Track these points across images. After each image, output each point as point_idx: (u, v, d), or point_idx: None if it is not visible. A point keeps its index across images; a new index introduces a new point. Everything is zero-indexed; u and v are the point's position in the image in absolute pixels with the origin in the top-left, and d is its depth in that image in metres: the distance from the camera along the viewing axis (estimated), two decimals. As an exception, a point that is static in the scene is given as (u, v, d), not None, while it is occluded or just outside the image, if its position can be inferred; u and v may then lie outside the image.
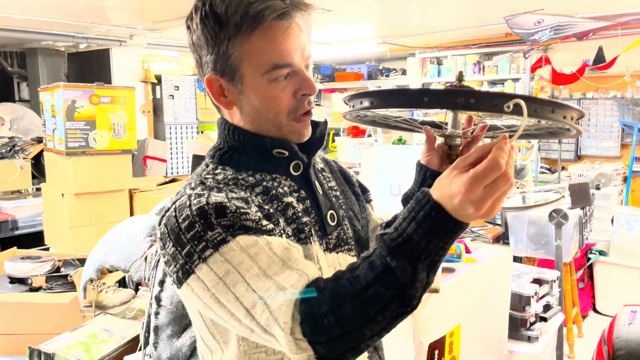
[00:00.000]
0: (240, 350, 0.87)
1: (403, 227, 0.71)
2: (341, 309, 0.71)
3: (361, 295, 0.71)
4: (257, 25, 0.84)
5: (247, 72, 0.87)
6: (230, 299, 0.76)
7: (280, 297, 0.74)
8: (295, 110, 0.89)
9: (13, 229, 4.00)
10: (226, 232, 0.78)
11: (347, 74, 6.56)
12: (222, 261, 0.77)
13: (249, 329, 0.77)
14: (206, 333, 0.91)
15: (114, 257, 2.07)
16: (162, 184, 3.83)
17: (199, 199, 0.81)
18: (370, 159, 2.62)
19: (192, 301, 0.82)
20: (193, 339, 1.72)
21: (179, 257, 0.80)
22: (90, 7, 4.19)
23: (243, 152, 0.91)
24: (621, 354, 2.07)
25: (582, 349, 3.29)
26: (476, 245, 2.18)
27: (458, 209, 0.69)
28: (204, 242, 0.78)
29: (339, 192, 1.02)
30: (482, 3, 4.06)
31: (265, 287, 0.75)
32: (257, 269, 0.76)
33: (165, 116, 6.82)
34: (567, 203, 3.10)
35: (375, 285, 0.71)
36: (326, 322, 0.71)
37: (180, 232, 0.79)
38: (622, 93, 5.28)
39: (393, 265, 0.70)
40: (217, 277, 0.77)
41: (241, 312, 0.76)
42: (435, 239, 0.70)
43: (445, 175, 0.72)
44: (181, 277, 0.80)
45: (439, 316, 1.68)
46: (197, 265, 0.78)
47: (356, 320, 0.71)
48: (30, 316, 2.34)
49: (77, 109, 3.13)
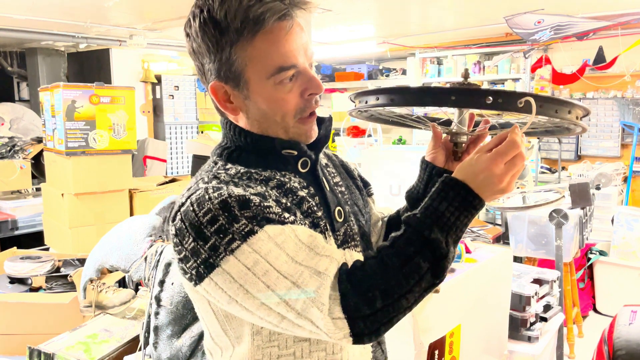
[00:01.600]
0: (254, 344, 0.87)
1: (434, 205, 0.81)
2: (386, 281, 0.78)
3: (403, 267, 0.78)
4: (259, 29, 0.83)
5: (251, 77, 0.86)
6: (260, 288, 0.77)
7: (314, 281, 0.77)
8: (303, 111, 0.89)
9: (13, 229, 4.00)
10: (252, 223, 0.78)
11: (347, 74, 6.56)
12: (250, 252, 0.77)
13: (280, 317, 0.78)
14: (217, 330, 0.90)
15: (113, 257, 2.07)
16: (162, 184, 3.83)
17: (219, 192, 0.80)
18: (370, 159, 2.62)
19: (214, 296, 0.81)
20: (193, 339, 1.72)
21: (201, 252, 0.78)
22: (90, 7, 4.19)
23: (251, 151, 0.91)
24: (621, 354, 2.07)
25: (582, 349, 3.29)
26: (476, 245, 2.18)
27: (482, 185, 0.81)
28: (230, 234, 0.77)
29: (344, 188, 1.02)
30: (482, 3, 4.06)
31: (297, 272, 0.77)
32: (286, 257, 0.77)
33: (165, 116, 6.82)
34: (568, 203, 3.10)
35: (415, 258, 0.78)
36: (370, 296, 0.77)
37: (202, 226, 0.78)
38: (622, 93, 5.28)
39: (431, 238, 0.79)
40: (246, 268, 0.77)
41: (273, 300, 0.77)
42: (462, 215, 0.81)
43: (467, 160, 0.84)
44: (202, 272, 0.79)
45: (439, 316, 1.68)
46: (223, 258, 0.77)
47: (397, 292, 0.78)
48: (30, 316, 2.34)
49: (77, 109, 3.13)
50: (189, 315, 1.75)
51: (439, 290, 1.63)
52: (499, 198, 0.81)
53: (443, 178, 0.83)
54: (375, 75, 6.54)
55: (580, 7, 4.10)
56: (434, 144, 1.04)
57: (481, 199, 0.82)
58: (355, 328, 0.77)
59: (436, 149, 1.04)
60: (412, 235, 0.80)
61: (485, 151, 0.83)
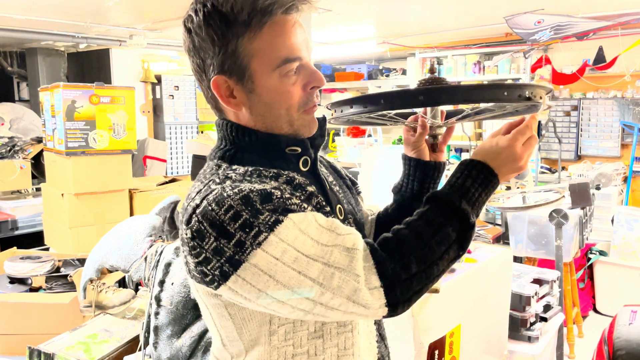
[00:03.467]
0: (271, 345, 0.87)
1: (460, 182, 0.88)
2: (420, 247, 0.82)
3: (435, 235, 0.83)
4: (267, 20, 0.84)
5: (257, 69, 0.86)
6: (291, 276, 0.77)
7: (345, 256, 0.79)
8: (305, 104, 0.90)
9: (13, 229, 3.99)
10: (275, 214, 0.78)
11: (347, 74, 6.56)
12: (278, 241, 0.77)
13: (312, 303, 0.79)
14: (232, 335, 0.89)
15: (113, 257, 2.07)
16: (162, 184, 3.83)
17: (238, 188, 0.79)
18: (370, 159, 2.62)
19: (241, 293, 0.80)
20: (193, 339, 1.71)
21: (224, 250, 0.77)
22: (90, 7, 4.19)
23: (253, 152, 0.90)
24: (621, 354, 2.07)
25: (582, 349, 3.29)
26: (476, 245, 2.17)
27: (503, 164, 0.90)
28: (256, 227, 0.77)
29: (337, 187, 1.03)
30: (482, 3, 4.05)
31: (327, 253, 0.78)
32: (312, 241, 0.78)
33: (165, 116, 6.82)
34: (567, 203, 3.10)
35: (445, 227, 0.84)
36: (407, 261, 0.80)
37: (224, 224, 0.77)
38: (622, 93, 5.28)
39: (461, 208, 0.85)
40: (274, 259, 0.77)
41: (306, 284, 0.77)
42: (484, 192, 0.88)
43: (487, 142, 0.92)
44: (228, 270, 0.78)
45: (439, 316, 1.68)
46: (250, 253, 0.77)
47: (430, 258, 0.82)
48: (30, 316, 2.34)
49: (77, 109, 3.13)
50: (189, 315, 1.75)
51: (439, 290, 1.63)
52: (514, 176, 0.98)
53: (463, 160, 0.91)
54: (375, 75, 6.53)
55: (580, 7, 4.10)
56: (419, 139, 1.09)
57: (498, 179, 0.90)
58: (391, 296, 0.79)
59: (420, 144, 1.09)
60: (442, 207, 0.86)
61: (501, 134, 0.93)
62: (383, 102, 0.94)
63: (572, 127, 5.58)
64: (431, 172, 1.10)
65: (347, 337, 0.91)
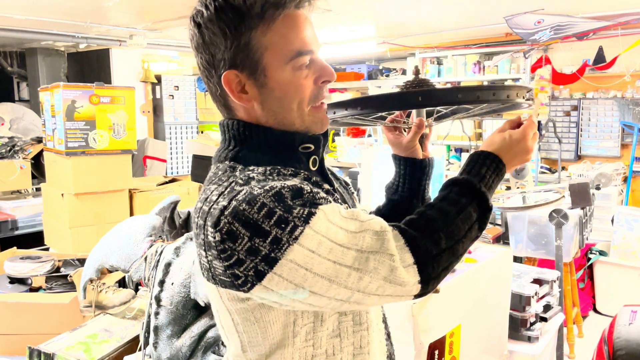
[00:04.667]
0: (294, 347, 0.87)
1: (476, 169, 0.94)
2: (447, 225, 0.85)
3: (459, 214, 0.87)
4: (280, 13, 0.84)
5: (270, 63, 0.86)
6: (328, 266, 0.78)
7: (377, 239, 0.81)
8: (316, 99, 0.90)
9: (13, 229, 3.99)
10: (307, 206, 0.79)
11: (347, 74, 6.56)
12: (313, 234, 0.77)
13: (350, 291, 0.80)
14: (256, 339, 0.88)
15: (113, 257, 2.07)
16: (162, 184, 3.83)
17: (269, 185, 0.79)
18: (370, 159, 2.62)
19: (277, 290, 0.79)
20: (193, 339, 1.71)
21: (260, 249, 0.76)
22: (90, 7, 4.19)
23: (266, 152, 0.89)
24: (621, 354, 2.07)
25: (582, 349, 3.29)
26: (476, 245, 2.17)
27: (514, 156, 0.97)
28: (292, 222, 0.77)
29: (337, 185, 1.04)
30: (482, 3, 4.06)
31: (359, 239, 0.80)
32: (342, 230, 0.80)
33: (165, 116, 6.82)
34: (567, 203, 3.10)
35: (468, 207, 0.88)
36: (436, 237, 0.84)
37: (259, 222, 0.76)
38: (622, 93, 5.28)
39: (481, 190, 0.90)
40: (310, 252, 0.77)
41: (343, 273, 0.78)
42: (496, 180, 0.95)
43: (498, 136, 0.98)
44: (263, 269, 0.77)
45: (439, 316, 1.68)
46: (287, 249, 0.76)
47: (457, 235, 0.86)
48: (30, 316, 2.34)
49: (77, 109, 3.13)
50: (189, 315, 1.75)
51: (439, 290, 1.64)
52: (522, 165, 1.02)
53: (477, 151, 0.97)
54: (375, 75, 6.53)
55: (580, 7, 4.10)
56: (413, 138, 1.12)
57: (505, 166, 0.96)
58: (424, 273, 0.82)
59: (416, 143, 1.13)
60: (463, 189, 0.91)
61: (508, 129, 1.00)
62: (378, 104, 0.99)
63: (572, 127, 5.58)
64: (427, 169, 1.14)
65: (362, 336, 0.92)
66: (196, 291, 1.71)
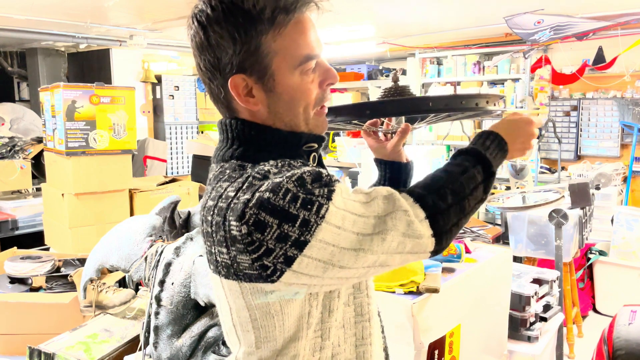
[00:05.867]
0: (307, 339, 0.88)
1: (482, 141, 0.98)
2: (452, 182, 0.89)
3: (463, 174, 0.91)
4: (291, 18, 0.84)
5: (279, 67, 0.85)
6: (353, 239, 0.80)
7: (387, 202, 0.84)
8: (321, 101, 0.92)
9: (13, 229, 3.99)
10: (327, 186, 0.81)
11: (347, 74, 6.56)
12: (336, 210, 0.79)
13: (375, 255, 0.82)
14: (272, 332, 0.87)
15: (114, 257, 2.07)
16: (162, 184, 3.83)
17: (291, 172, 0.81)
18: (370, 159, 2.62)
19: (306, 273, 0.80)
20: (193, 339, 1.72)
21: (289, 235, 0.77)
22: (90, 7, 4.19)
23: (271, 151, 0.89)
24: (621, 354, 2.07)
25: (582, 349, 3.29)
26: (476, 245, 2.18)
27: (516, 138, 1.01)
28: (317, 202, 0.78)
29: None
30: (482, 3, 4.05)
31: (372, 207, 0.83)
32: (356, 203, 0.82)
33: (165, 116, 6.81)
34: (567, 203, 3.10)
35: (472, 169, 0.92)
36: (442, 192, 0.87)
37: (287, 207, 0.77)
38: (622, 93, 5.28)
39: (486, 156, 0.94)
40: (336, 228, 0.79)
41: (366, 240, 0.81)
42: (499, 155, 0.98)
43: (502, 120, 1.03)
44: (292, 255, 0.78)
45: (439, 316, 1.68)
46: (317, 229, 0.78)
47: (462, 192, 0.89)
48: (30, 316, 2.34)
49: (77, 109, 3.13)
50: (189, 315, 1.75)
51: (439, 290, 1.64)
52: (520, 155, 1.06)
53: (483, 130, 1.01)
54: (375, 75, 6.53)
55: (580, 7, 4.10)
56: (399, 142, 1.18)
57: (508, 147, 1.00)
58: (436, 227, 0.85)
59: (400, 147, 1.18)
60: (468, 155, 0.95)
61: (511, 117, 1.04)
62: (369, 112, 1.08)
63: (572, 127, 5.58)
64: (411, 171, 1.20)
65: (364, 327, 0.94)
66: (196, 291, 1.71)
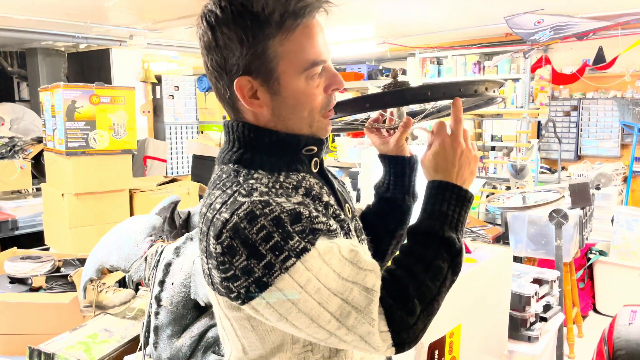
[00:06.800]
0: (293, 352, 0.88)
1: (436, 208, 0.89)
2: (418, 288, 0.82)
3: (427, 271, 0.84)
4: (299, 23, 0.84)
5: (285, 72, 0.85)
6: (313, 306, 0.78)
7: (364, 298, 0.79)
8: (326, 106, 0.90)
9: (13, 229, 3.99)
10: (304, 239, 0.78)
11: (347, 74, 6.56)
12: (304, 270, 0.77)
13: (328, 334, 0.80)
14: (254, 343, 0.89)
15: (113, 257, 2.07)
16: (162, 184, 3.83)
17: (269, 208, 0.78)
18: (370, 159, 2.62)
19: (263, 314, 0.80)
20: (193, 339, 1.72)
21: (254, 271, 0.77)
22: (90, 7, 4.19)
23: (270, 154, 0.89)
24: (621, 354, 2.07)
25: (582, 349, 3.29)
26: (476, 245, 2.18)
27: (461, 169, 0.91)
28: (286, 251, 0.77)
29: (337, 185, 1.04)
30: (482, 3, 4.05)
31: (347, 290, 0.79)
32: (334, 274, 0.79)
33: (165, 116, 6.82)
34: (567, 203, 3.10)
35: (435, 260, 0.84)
36: (411, 306, 0.81)
37: (256, 244, 0.77)
38: (622, 93, 5.28)
39: (445, 237, 0.86)
40: (299, 286, 0.77)
41: (324, 317, 0.78)
42: (462, 210, 0.90)
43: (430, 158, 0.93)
44: (253, 291, 0.78)
45: (439, 316, 1.67)
46: (278, 277, 0.77)
47: (429, 296, 0.83)
48: (30, 316, 2.34)
49: (77, 109, 3.13)
50: (189, 315, 1.75)
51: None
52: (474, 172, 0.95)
53: (431, 183, 0.92)
54: (375, 75, 6.53)
55: (580, 7, 4.10)
56: (402, 137, 1.12)
57: (467, 190, 0.92)
58: (398, 339, 0.81)
59: (403, 142, 1.13)
60: (426, 240, 0.87)
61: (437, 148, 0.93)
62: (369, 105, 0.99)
63: (572, 127, 5.58)
64: (415, 165, 1.15)
65: None
66: (196, 291, 1.71)
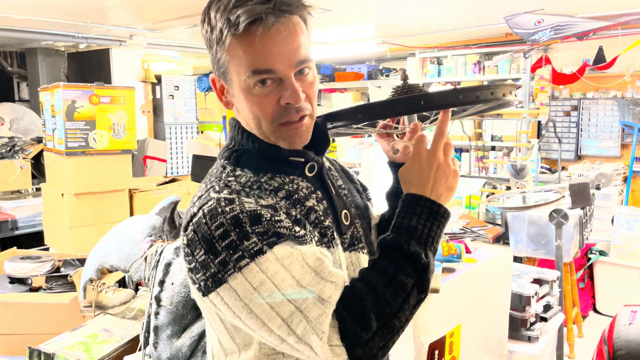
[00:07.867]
0: (261, 352, 0.88)
1: (406, 222, 0.84)
2: (376, 303, 0.78)
3: (388, 286, 0.79)
4: (235, 31, 0.84)
5: (234, 76, 0.88)
6: (264, 309, 0.78)
7: (317, 308, 0.77)
8: (280, 117, 0.88)
9: (13, 229, 3.99)
10: (262, 241, 0.79)
11: (347, 74, 6.56)
12: (258, 271, 0.77)
13: (280, 339, 0.79)
14: (225, 337, 0.91)
15: (113, 257, 2.07)
16: (162, 184, 3.83)
17: (231, 206, 0.80)
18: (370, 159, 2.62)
19: (220, 309, 0.82)
20: (193, 339, 1.72)
21: (210, 266, 0.79)
22: (90, 7, 4.19)
23: (259, 156, 0.91)
24: (621, 354, 2.07)
25: (582, 349, 3.29)
26: (476, 245, 2.18)
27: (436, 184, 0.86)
28: (240, 251, 0.78)
29: (346, 191, 1.03)
30: (482, 3, 4.05)
31: (301, 297, 0.78)
32: (292, 280, 0.78)
33: (165, 116, 6.82)
34: (567, 203, 3.10)
35: (398, 275, 0.80)
36: (366, 320, 0.77)
37: (213, 240, 0.79)
38: (622, 93, 5.28)
39: (410, 251, 0.81)
40: (252, 287, 0.78)
41: (275, 322, 0.78)
42: (434, 225, 0.84)
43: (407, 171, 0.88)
44: (210, 285, 0.80)
45: (439, 316, 1.68)
46: (231, 275, 0.78)
47: (388, 312, 0.79)
48: (30, 316, 2.34)
49: (77, 109, 3.13)
50: (189, 315, 1.75)
51: (439, 290, 1.63)
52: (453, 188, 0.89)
53: (404, 197, 0.87)
54: (375, 75, 6.53)
55: (580, 7, 4.10)
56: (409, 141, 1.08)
57: (441, 205, 0.86)
58: (353, 354, 0.77)
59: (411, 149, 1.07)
60: (391, 253, 0.83)
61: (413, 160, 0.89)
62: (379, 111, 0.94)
63: (572, 127, 5.58)
64: None
65: None
66: (196, 291, 1.71)
